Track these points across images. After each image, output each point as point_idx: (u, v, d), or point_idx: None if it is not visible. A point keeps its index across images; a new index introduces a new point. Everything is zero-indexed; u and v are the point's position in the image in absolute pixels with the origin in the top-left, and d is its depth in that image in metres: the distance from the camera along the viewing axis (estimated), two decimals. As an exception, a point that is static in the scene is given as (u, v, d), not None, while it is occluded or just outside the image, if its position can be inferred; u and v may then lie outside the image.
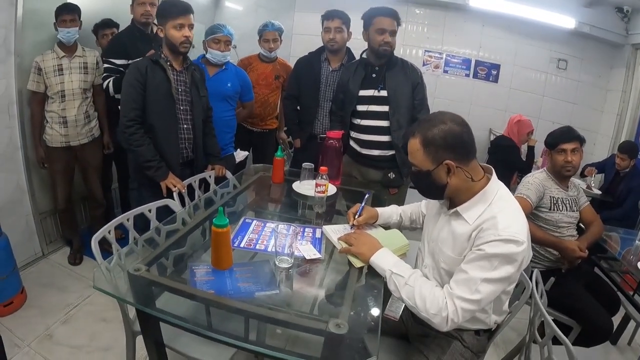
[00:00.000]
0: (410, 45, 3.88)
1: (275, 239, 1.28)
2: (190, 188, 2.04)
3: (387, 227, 1.61)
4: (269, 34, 2.80)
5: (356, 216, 1.54)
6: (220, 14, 4.09)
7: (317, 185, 1.78)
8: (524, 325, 2.11)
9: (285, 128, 3.14)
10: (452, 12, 3.74)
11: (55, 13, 2.23)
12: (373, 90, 2.16)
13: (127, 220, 1.63)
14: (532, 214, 2.00)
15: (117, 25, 2.62)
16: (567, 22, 3.52)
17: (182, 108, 2.05)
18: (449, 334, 1.30)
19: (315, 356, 0.98)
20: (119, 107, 1.99)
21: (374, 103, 2.18)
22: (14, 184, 2.41)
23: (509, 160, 3.15)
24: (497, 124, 3.79)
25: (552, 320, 1.99)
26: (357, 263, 1.30)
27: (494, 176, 1.20)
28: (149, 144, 1.96)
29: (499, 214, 1.10)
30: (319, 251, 1.39)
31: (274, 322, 1.05)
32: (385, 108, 2.16)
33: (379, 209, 1.62)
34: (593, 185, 3.47)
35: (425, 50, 3.87)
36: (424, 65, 3.89)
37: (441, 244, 1.24)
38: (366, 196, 1.63)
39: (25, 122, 2.39)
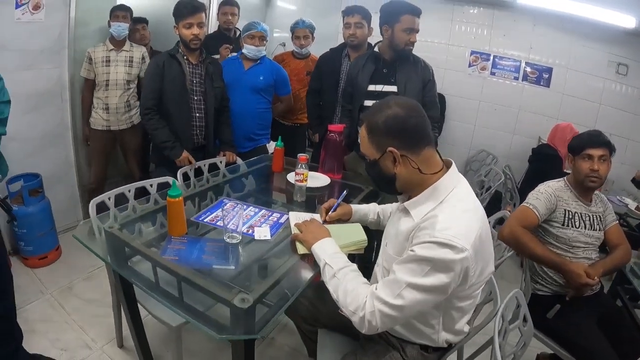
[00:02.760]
0: (456, 45, 3.71)
1: (224, 217, 1.36)
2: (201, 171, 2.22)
3: (364, 225, 1.56)
4: (299, 31, 2.90)
5: (330, 212, 1.51)
6: (271, 13, 4.26)
7: (295, 173, 1.81)
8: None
9: None
10: (501, 10, 3.51)
11: (110, 11, 2.54)
12: (382, 85, 2.14)
13: (129, 191, 1.83)
14: (541, 227, 1.77)
15: (146, 21, 2.88)
16: (627, 21, 3.11)
17: (195, 98, 2.24)
18: (391, 343, 1.22)
19: (226, 325, 1.06)
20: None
21: (383, 98, 2.16)
22: (62, 158, 2.77)
23: (548, 171, 2.90)
24: (546, 131, 3.49)
25: (550, 355, 1.84)
26: (301, 250, 1.31)
27: (452, 171, 1.09)
28: (164, 127, 2.17)
29: (441, 214, 1.00)
30: (272, 234, 1.45)
31: (194, 285, 1.13)
32: None
33: (355, 206, 1.56)
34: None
35: (471, 51, 3.68)
36: (469, 66, 3.70)
37: (387, 241, 1.19)
38: (343, 193, 1.60)
39: (76, 105, 2.73)
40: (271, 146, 2.77)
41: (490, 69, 3.67)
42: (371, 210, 1.56)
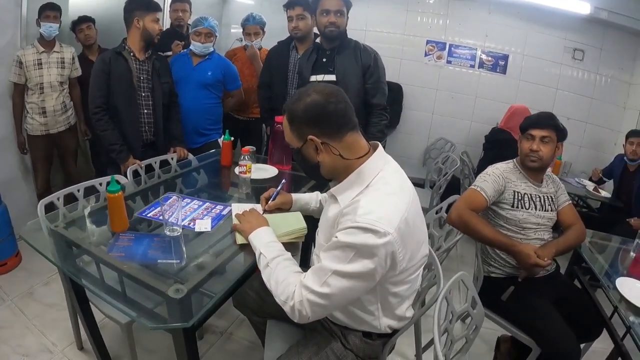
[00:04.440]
0: (412, 35, 3.77)
1: (165, 211, 1.39)
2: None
3: (308, 214, 1.57)
4: (250, 28, 2.93)
5: (269, 201, 1.52)
6: (227, 9, 4.26)
7: (239, 165, 1.84)
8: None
9: None
10: None
11: (39, 10, 2.46)
12: (323, 75, 2.17)
13: (78, 190, 1.84)
14: (491, 210, 1.78)
15: (92, 20, 2.84)
16: (582, 7, 3.21)
17: (143, 95, 2.25)
18: (332, 332, 1.22)
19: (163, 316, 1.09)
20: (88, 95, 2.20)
21: None
22: (17, 162, 2.74)
23: (504, 156, 2.96)
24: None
25: (510, 337, 1.82)
26: (239, 240, 1.33)
27: (377, 154, 1.08)
28: (113, 129, 2.18)
29: (364, 198, 0.99)
30: (213, 226, 1.49)
31: (133, 279, 1.17)
32: None
33: (296, 195, 1.57)
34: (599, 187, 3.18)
35: (427, 40, 3.75)
36: (426, 55, 3.78)
37: (319, 229, 1.20)
38: (282, 182, 1.62)
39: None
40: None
41: (447, 57, 3.75)
42: (313, 199, 1.57)
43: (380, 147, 1.12)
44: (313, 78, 2.20)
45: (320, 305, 0.99)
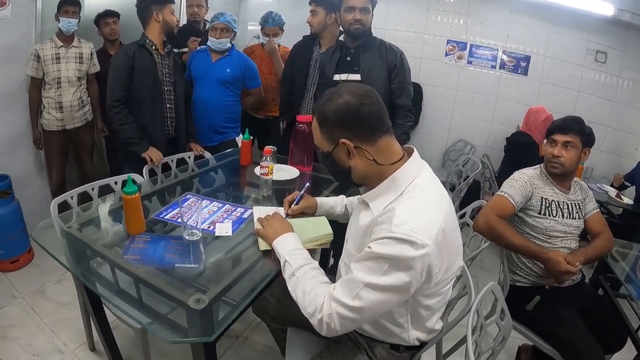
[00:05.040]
0: (432, 34, 3.68)
1: (183, 214, 1.33)
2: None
3: (332, 219, 1.53)
4: (268, 30, 2.86)
5: (293, 205, 1.47)
6: (245, 6, 4.21)
7: (260, 166, 1.78)
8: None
9: None
10: None
11: (57, 5, 2.43)
12: (347, 74, 2.11)
13: (92, 189, 1.80)
14: (518, 217, 1.72)
15: (118, 15, 2.80)
16: (605, 8, 3.10)
17: (166, 89, 2.22)
18: (359, 343, 1.17)
19: (183, 325, 1.03)
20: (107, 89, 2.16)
21: None
22: (32, 158, 2.71)
23: (526, 159, 2.88)
24: (525, 120, 3.52)
25: (532, 346, 1.80)
26: (262, 246, 1.27)
27: (413, 160, 1.02)
28: (132, 123, 2.13)
29: (399, 206, 0.93)
30: (234, 230, 1.43)
31: (149, 286, 1.11)
32: None
33: (320, 199, 1.51)
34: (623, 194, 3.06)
35: (448, 40, 3.65)
36: (446, 55, 3.68)
37: (348, 237, 1.14)
38: (306, 184, 1.56)
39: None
40: (240, 140, 2.71)
41: (467, 57, 3.66)
42: (338, 203, 1.51)
43: (416, 152, 1.06)
44: (337, 77, 2.14)
45: (350, 319, 0.94)
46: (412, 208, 0.93)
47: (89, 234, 1.41)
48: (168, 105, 2.26)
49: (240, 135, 2.77)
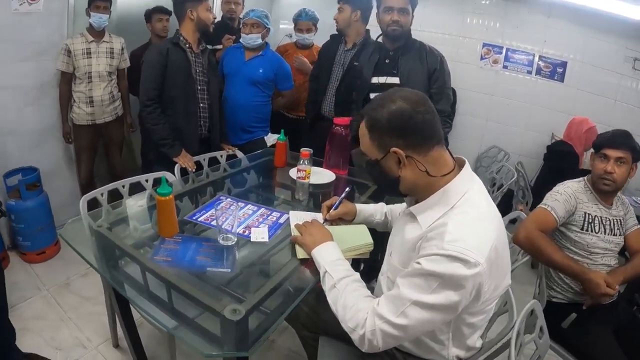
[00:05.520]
0: (468, 37, 3.56)
1: (218, 217, 1.29)
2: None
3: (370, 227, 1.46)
4: (302, 24, 2.84)
5: (331, 210, 1.41)
6: (278, 3, 4.15)
7: (297, 170, 1.72)
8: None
9: None
10: (514, 1, 3.35)
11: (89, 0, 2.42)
12: (385, 77, 2.05)
13: (123, 187, 1.77)
14: (559, 231, 1.66)
15: (170, 12, 2.77)
16: None
17: (199, 88, 2.18)
18: (394, 358, 1.12)
19: (215, 333, 0.98)
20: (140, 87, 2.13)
21: (382, 91, 2.07)
22: (61, 152, 2.72)
23: (564, 169, 2.77)
24: (560, 128, 3.36)
25: None
26: (300, 254, 1.22)
27: (465, 172, 0.97)
28: (165, 123, 2.09)
29: (451, 222, 0.88)
30: (270, 236, 1.37)
31: (182, 292, 1.06)
32: None
33: (360, 206, 1.45)
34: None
35: (483, 44, 3.53)
36: (481, 59, 3.56)
37: (392, 249, 1.08)
38: (346, 190, 1.50)
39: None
40: (269, 139, 2.70)
41: (503, 62, 3.53)
42: (378, 210, 1.45)
43: (467, 164, 1.01)
44: (375, 80, 2.08)
45: (394, 337, 0.90)
46: (465, 224, 0.88)
47: (119, 233, 1.38)
48: (201, 105, 2.21)
49: (270, 135, 2.74)
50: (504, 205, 2.75)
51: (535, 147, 3.36)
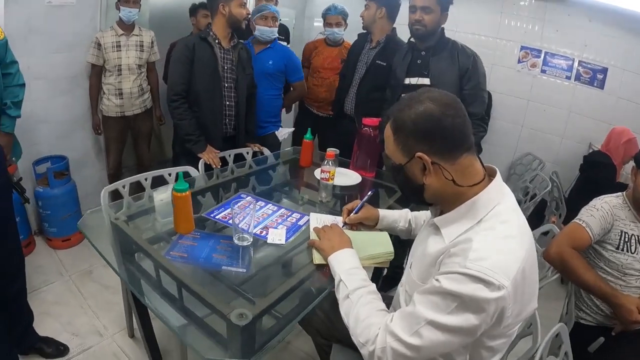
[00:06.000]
0: (505, 39, 3.43)
1: (234, 216, 1.26)
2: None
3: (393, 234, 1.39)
4: (331, 18, 2.80)
5: (352, 214, 1.36)
6: (311, 2, 4.11)
7: (322, 171, 1.67)
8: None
9: None
10: (554, 3, 3.19)
11: None
12: (417, 78, 1.99)
13: (145, 179, 1.77)
14: (593, 249, 1.55)
15: None
16: None
17: (226, 85, 2.14)
18: None
19: (222, 335, 0.96)
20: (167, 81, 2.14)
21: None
22: (91, 142, 2.79)
23: (600, 182, 2.61)
24: (598, 137, 3.18)
25: None
26: (317, 259, 1.17)
27: (495, 183, 0.89)
28: (191, 118, 2.08)
29: (477, 238, 0.81)
30: (288, 238, 1.33)
31: (190, 291, 1.04)
32: None
33: (382, 211, 1.38)
34: None
35: (521, 46, 3.39)
36: (519, 62, 3.41)
37: (413, 261, 1.01)
38: (369, 193, 1.44)
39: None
40: (280, 133, 2.68)
41: (541, 66, 3.38)
42: (402, 217, 1.38)
43: (499, 174, 0.92)
44: (407, 81, 2.03)
45: (406, 357, 0.83)
46: (492, 242, 0.80)
47: (139, 226, 1.38)
48: (228, 103, 2.17)
49: (282, 129, 2.73)
50: (536, 216, 2.62)
51: (572, 156, 3.20)
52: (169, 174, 1.83)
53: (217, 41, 2.08)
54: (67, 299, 2.07)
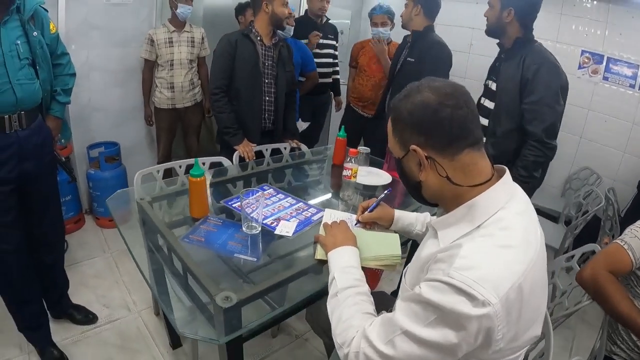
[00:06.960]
0: (566, 43, 3.18)
1: (245, 206, 1.29)
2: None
3: (407, 237, 1.34)
4: (377, 17, 2.78)
5: (367, 211, 1.31)
6: (367, 3, 4.05)
7: (345, 168, 1.66)
8: None
9: None
10: (617, 4, 2.92)
11: None
12: (489, 81, 1.92)
13: (180, 167, 1.87)
14: (635, 275, 1.34)
15: None
16: None
17: (266, 81, 2.19)
18: None
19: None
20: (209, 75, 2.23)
21: (487, 96, 1.91)
22: (144, 131, 3.00)
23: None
24: (662, 153, 2.90)
25: None
26: (319, 254, 1.14)
27: (501, 185, 0.79)
28: (230, 112, 2.14)
29: (468, 244, 0.72)
30: (296, 231, 1.34)
31: (190, 272, 1.09)
32: (493, 105, 1.83)
33: (398, 212, 1.30)
34: None
35: (582, 51, 3.13)
36: (579, 68, 3.16)
37: (408, 267, 0.92)
38: (386, 191, 1.38)
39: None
40: (299, 126, 2.72)
41: (603, 73, 3.11)
42: (419, 220, 1.29)
43: (508, 174, 0.82)
44: (486, 82, 1.98)
45: None
46: (485, 250, 0.71)
47: (167, 208, 1.47)
48: (267, 99, 2.22)
49: (300, 122, 2.80)
50: (587, 235, 2.40)
51: (633, 173, 2.91)
52: (203, 163, 1.92)
53: (259, 38, 2.13)
54: (105, 274, 2.24)
